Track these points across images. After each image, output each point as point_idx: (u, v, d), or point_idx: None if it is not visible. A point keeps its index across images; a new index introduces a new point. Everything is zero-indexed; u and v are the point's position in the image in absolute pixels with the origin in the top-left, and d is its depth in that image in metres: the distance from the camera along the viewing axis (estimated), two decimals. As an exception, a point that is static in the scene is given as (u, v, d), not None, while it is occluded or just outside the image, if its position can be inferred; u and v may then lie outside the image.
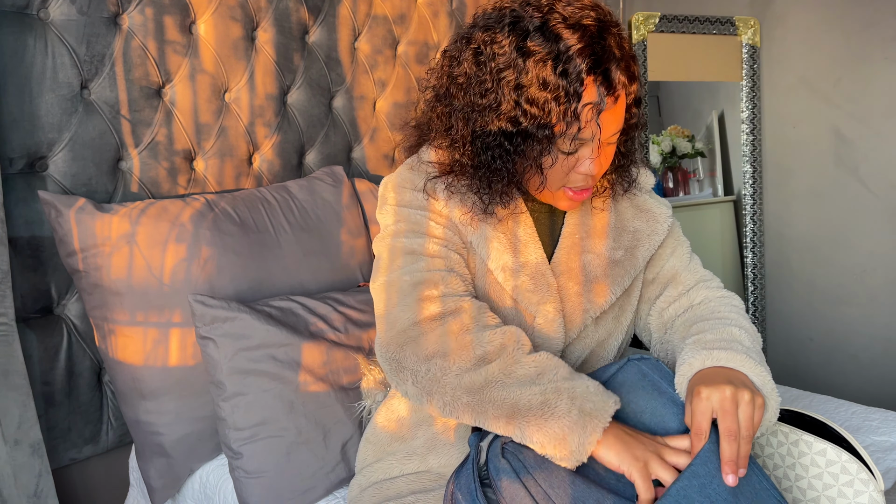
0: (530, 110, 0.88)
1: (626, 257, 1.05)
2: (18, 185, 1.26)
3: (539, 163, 0.92)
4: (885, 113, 1.95)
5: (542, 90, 0.87)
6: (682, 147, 2.29)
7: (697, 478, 0.77)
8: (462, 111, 0.94)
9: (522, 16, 0.89)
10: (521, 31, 0.88)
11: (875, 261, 2.01)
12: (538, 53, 0.86)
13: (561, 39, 0.86)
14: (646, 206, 1.09)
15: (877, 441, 1.30)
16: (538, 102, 0.87)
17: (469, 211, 0.98)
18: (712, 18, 2.16)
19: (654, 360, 0.94)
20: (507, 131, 0.90)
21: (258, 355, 1.20)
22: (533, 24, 0.87)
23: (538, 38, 0.87)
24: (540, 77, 0.86)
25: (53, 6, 1.27)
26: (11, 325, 1.15)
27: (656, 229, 1.07)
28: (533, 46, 0.87)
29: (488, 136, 0.92)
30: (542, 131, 0.88)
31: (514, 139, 0.90)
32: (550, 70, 0.86)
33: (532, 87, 0.87)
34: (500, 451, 0.84)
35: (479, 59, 0.91)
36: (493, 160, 0.93)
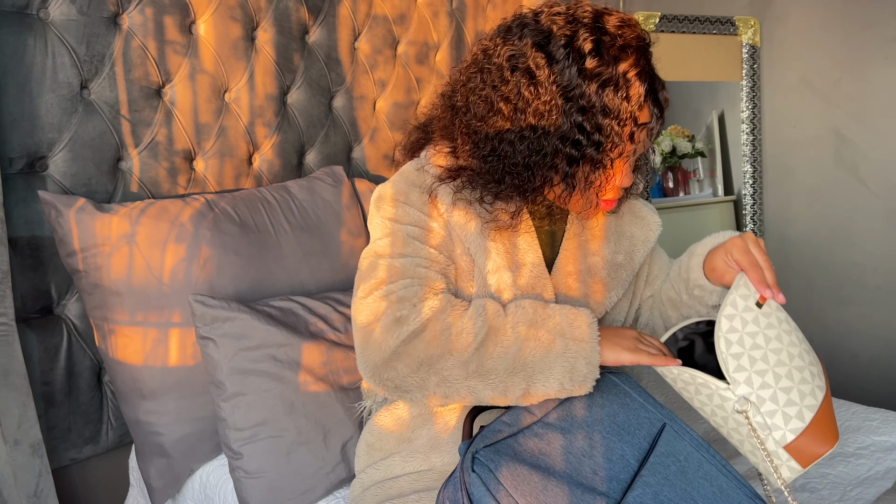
0: (593, 136, 0.88)
1: (626, 260, 1.07)
2: (18, 185, 1.26)
3: (590, 179, 0.92)
4: (885, 113, 1.95)
5: (606, 116, 0.88)
6: (682, 147, 2.29)
7: (650, 486, 0.81)
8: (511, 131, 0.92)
9: (576, 34, 0.88)
10: (577, 51, 0.87)
11: (875, 261, 2.01)
12: (600, 77, 0.87)
13: (620, 61, 0.87)
14: (641, 213, 1.12)
15: (877, 441, 1.30)
16: (602, 128, 0.88)
17: (471, 216, 0.97)
18: (712, 18, 2.16)
19: (625, 374, 0.99)
20: (566, 153, 0.90)
21: (258, 355, 1.20)
22: (587, 46, 0.87)
23: (597, 62, 0.87)
24: (602, 101, 0.87)
25: (53, 6, 1.27)
26: (11, 325, 1.15)
27: (649, 237, 1.11)
28: (594, 70, 0.87)
29: (539, 154, 0.91)
30: (598, 153, 0.89)
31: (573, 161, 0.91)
32: (612, 94, 0.87)
33: (596, 111, 0.88)
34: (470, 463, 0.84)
35: (535, 80, 0.89)
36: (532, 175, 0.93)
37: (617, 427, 0.89)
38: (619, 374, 0.98)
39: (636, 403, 0.93)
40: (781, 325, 0.91)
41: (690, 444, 0.89)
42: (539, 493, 0.80)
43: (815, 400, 0.87)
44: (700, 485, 0.84)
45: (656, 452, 0.86)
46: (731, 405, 0.87)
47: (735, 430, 0.89)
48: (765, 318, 0.90)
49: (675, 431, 0.90)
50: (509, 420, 0.88)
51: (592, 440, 0.86)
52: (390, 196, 1.00)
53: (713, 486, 0.85)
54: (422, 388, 0.90)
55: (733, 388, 0.86)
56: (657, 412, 0.92)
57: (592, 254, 1.04)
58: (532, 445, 0.85)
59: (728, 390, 0.86)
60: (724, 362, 0.87)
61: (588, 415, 0.90)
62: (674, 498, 0.81)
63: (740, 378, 0.86)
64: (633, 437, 0.88)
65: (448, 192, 0.97)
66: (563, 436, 0.86)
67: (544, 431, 0.87)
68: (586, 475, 0.83)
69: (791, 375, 0.87)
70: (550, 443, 0.86)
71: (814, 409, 0.87)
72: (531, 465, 0.83)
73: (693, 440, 0.90)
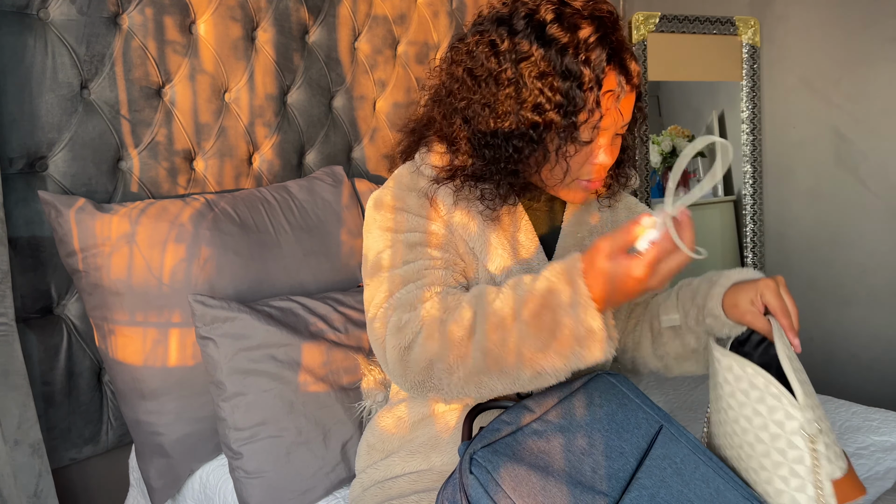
0: (555, 98, 0.88)
1: None
2: (18, 185, 1.26)
3: (563, 152, 0.92)
4: (885, 113, 1.94)
5: (567, 78, 0.88)
6: (682, 147, 2.29)
7: (646, 489, 0.80)
8: (481, 105, 0.93)
9: (537, 8, 0.90)
10: (538, 22, 0.89)
11: (875, 260, 2.01)
12: (559, 42, 0.88)
13: (580, 28, 0.88)
14: (636, 209, 1.12)
15: (877, 441, 1.30)
16: (562, 90, 0.88)
17: (471, 216, 0.98)
18: (712, 18, 2.16)
19: (622, 375, 0.98)
20: (530, 120, 0.90)
21: (258, 355, 1.20)
22: (550, 16, 0.89)
23: (557, 29, 0.88)
24: (563, 65, 0.87)
25: (53, 6, 1.27)
26: (11, 325, 1.15)
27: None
28: (553, 35, 0.88)
29: (511, 127, 0.92)
30: (567, 119, 0.89)
31: (538, 128, 0.91)
32: (573, 58, 0.87)
33: (556, 76, 0.88)
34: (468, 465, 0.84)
35: (498, 50, 0.91)
36: (515, 152, 0.93)
37: (616, 426, 0.89)
38: (617, 375, 0.98)
39: (634, 405, 0.93)
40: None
41: (687, 447, 0.89)
42: (538, 493, 0.80)
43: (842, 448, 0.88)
44: (696, 486, 0.84)
45: (652, 455, 0.86)
46: (795, 425, 0.82)
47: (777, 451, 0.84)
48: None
49: (672, 434, 0.90)
50: (509, 419, 0.88)
51: (592, 438, 0.86)
52: (388, 204, 0.99)
53: (710, 487, 0.85)
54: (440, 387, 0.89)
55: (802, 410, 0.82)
56: (654, 414, 0.92)
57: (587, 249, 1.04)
58: (531, 444, 0.85)
59: (798, 409, 0.82)
60: (794, 382, 0.82)
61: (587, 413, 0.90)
62: (670, 500, 0.81)
63: (808, 403, 0.82)
64: (632, 436, 0.88)
65: (447, 192, 0.98)
66: (563, 434, 0.86)
67: (544, 429, 0.87)
68: (586, 474, 0.83)
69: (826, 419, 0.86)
70: (550, 441, 0.85)
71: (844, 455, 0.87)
72: (530, 465, 0.83)
73: (690, 442, 0.90)
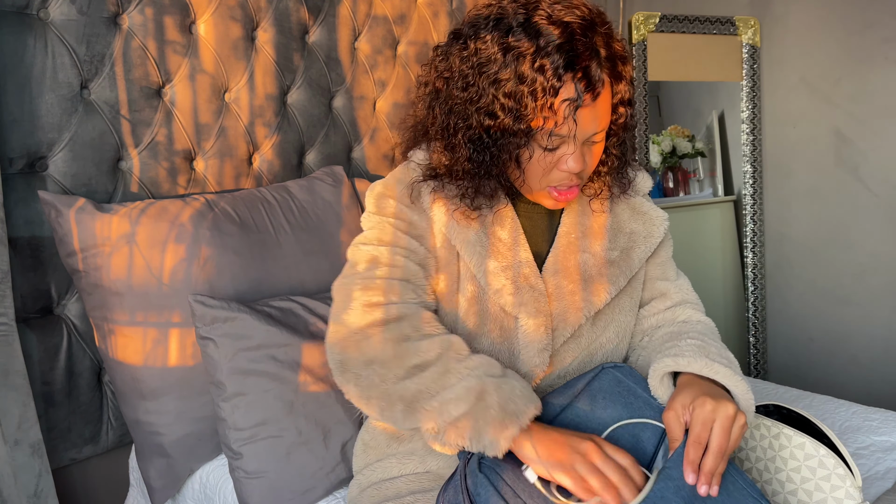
0: (506, 103, 0.88)
1: (621, 257, 1.06)
2: (18, 185, 1.26)
3: (516, 157, 0.93)
4: (885, 113, 1.95)
5: (520, 84, 0.87)
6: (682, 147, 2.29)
7: (672, 480, 0.79)
8: (446, 105, 0.95)
9: (507, 13, 0.90)
10: (504, 27, 0.89)
11: (875, 261, 2.01)
12: (517, 49, 0.87)
13: (542, 35, 0.87)
14: (643, 209, 1.10)
15: (877, 441, 1.30)
16: (515, 96, 0.88)
17: (453, 214, 0.99)
18: (712, 18, 2.16)
19: (628, 367, 0.97)
20: (485, 125, 0.91)
21: (258, 355, 1.20)
22: (517, 21, 0.89)
23: (520, 34, 0.88)
24: (518, 71, 0.87)
25: (53, 6, 1.27)
26: (11, 325, 1.15)
27: (653, 231, 1.08)
28: (513, 42, 0.88)
29: (469, 129, 0.93)
30: (518, 124, 0.89)
31: (491, 133, 0.91)
32: (528, 65, 0.87)
33: (510, 82, 0.88)
34: (477, 465, 0.84)
35: (464, 55, 0.92)
36: (476, 154, 0.94)
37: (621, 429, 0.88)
38: (623, 367, 0.97)
39: (640, 401, 0.91)
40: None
41: None
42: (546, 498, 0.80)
43: None
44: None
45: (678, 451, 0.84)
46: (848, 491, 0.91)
47: None
48: None
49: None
50: None
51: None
52: (377, 192, 1.03)
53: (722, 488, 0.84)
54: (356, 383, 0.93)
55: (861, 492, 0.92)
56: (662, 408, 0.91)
57: (584, 251, 1.04)
58: None
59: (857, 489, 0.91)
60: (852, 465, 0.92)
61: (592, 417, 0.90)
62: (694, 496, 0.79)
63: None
64: (637, 441, 0.88)
65: (428, 188, 1.00)
66: None
67: None
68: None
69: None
70: None
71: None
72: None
73: None
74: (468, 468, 0.85)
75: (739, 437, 0.83)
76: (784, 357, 2.24)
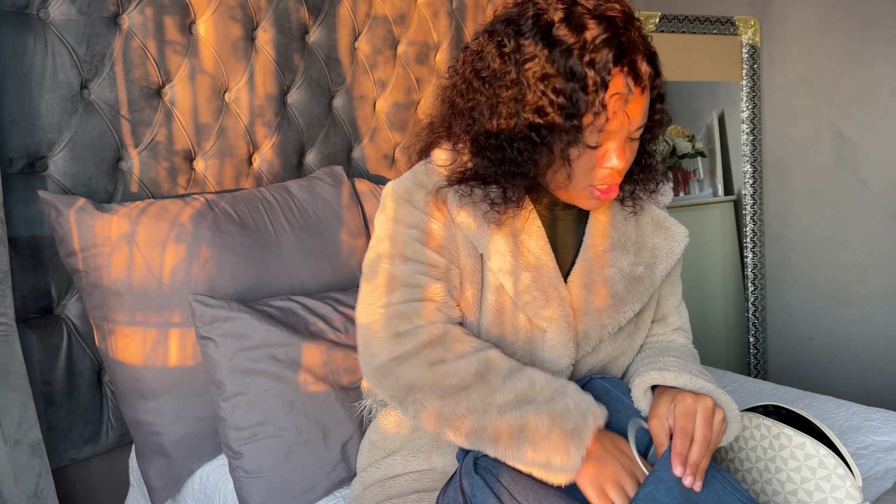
0: (557, 100, 0.87)
1: (645, 274, 1.04)
2: (18, 185, 1.26)
3: (566, 155, 0.90)
4: (885, 113, 1.95)
5: (570, 80, 0.86)
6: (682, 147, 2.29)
7: (663, 482, 0.80)
8: (486, 106, 0.92)
9: (546, 7, 0.89)
10: (545, 22, 0.88)
11: (875, 261, 2.01)
12: (564, 43, 0.86)
13: (587, 29, 0.86)
14: (665, 224, 1.08)
15: (877, 441, 1.30)
16: (565, 92, 0.86)
17: (480, 222, 0.96)
18: (712, 18, 2.16)
19: (615, 378, 0.97)
20: (533, 123, 0.89)
21: (258, 355, 1.20)
22: (558, 16, 0.87)
23: (563, 29, 0.86)
24: (567, 66, 0.86)
25: (53, 6, 1.27)
26: (11, 325, 1.15)
27: (674, 248, 1.06)
28: (559, 36, 0.86)
29: (514, 129, 0.91)
30: (570, 122, 0.87)
31: (540, 131, 0.89)
32: (577, 59, 0.85)
33: (559, 77, 0.86)
34: (472, 466, 0.84)
35: (503, 52, 0.90)
36: (518, 154, 0.92)
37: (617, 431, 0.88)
38: (610, 378, 0.97)
39: (628, 409, 0.92)
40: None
41: None
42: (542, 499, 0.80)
43: None
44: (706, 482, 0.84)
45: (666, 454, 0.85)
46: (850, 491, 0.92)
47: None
48: None
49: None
50: None
51: None
52: (396, 194, 1.00)
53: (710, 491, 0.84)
54: (402, 405, 0.92)
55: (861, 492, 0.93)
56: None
57: (609, 265, 1.02)
58: None
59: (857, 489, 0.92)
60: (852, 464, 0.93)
61: None
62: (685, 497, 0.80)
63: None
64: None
65: (453, 193, 0.97)
66: None
67: None
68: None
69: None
70: None
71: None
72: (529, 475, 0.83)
73: None
74: (463, 469, 0.85)
75: (721, 430, 0.88)
76: (784, 357, 2.24)
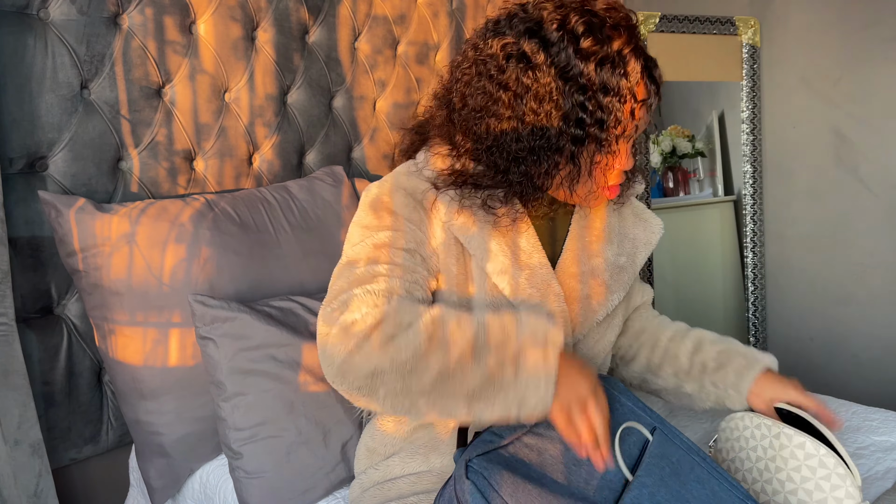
0: (596, 114, 0.89)
1: (628, 263, 1.08)
2: (18, 185, 1.26)
3: (591, 163, 0.93)
4: (885, 113, 1.94)
5: (607, 94, 0.88)
6: (682, 147, 2.28)
7: (646, 487, 0.81)
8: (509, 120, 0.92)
9: (567, 18, 0.89)
10: (571, 33, 0.88)
11: (875, 260, 2.01)
12: (597, 55, 0.87)
13: (612, 40, 0.88)
14: (644, 216, 1.12)
15: (877, 441, 1.30)
16: (603, 105, 0.88)
17: (472, 219, 0.96)
18: (712, 18, 2.16)
19: (613, 378, 0.98)
20: (566, 134, 0.90)
21: (258, 355, 1.20)
22: (580, 28, 0.88)
23: (591, 41, 0.88)
24: (601, 79, 0.88)
25: (53, 6, 1.27)
26: (11, 325, 1.15)
27: (651, 239, 1.11)
28: (590, 49, 0.88)
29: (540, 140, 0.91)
30: (605, 133, 0.90)
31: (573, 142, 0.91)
32: (610, 71, 0.87)
33: (597, 90, 0.88)
34: (464, 470, 0.83)
35: (532, 64, 0.89)
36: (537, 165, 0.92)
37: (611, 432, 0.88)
38: (608, 379, 0.97)
39: (625, 409, 0.93)
40: None
41: (682, 448, 0.89)
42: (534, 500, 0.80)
43: None
44: (693, 487, 0.84)
45: (651, 453, 0.86)
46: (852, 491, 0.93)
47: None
48: None
49: (666, 435, 0.90)
50: (500, 431, 0.87)
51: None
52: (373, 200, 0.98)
53: (705, 488, 0.85)
54: (371, 396, 0.86)
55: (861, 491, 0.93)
56: (647, 416, 0.92)
57: (594, 255, 1.04)
58: (523, 455, 0.85)
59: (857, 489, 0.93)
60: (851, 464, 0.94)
61: None
62: (669, 499, 0.81)
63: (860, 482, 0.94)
64: (624, 443, 0.88)
65: (448, 196, 0.96)
66: (554, 445, 0.86)
67: (535, 441, 0.86)
68: (579, 484, 0.83)
69: None
70: (541, 453, 0.85)
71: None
72: (524, 475, 0.82)
73: (683, 443, 0.90)
74: (455, 473, 0.85)
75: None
76: (784, 357, 2.24)
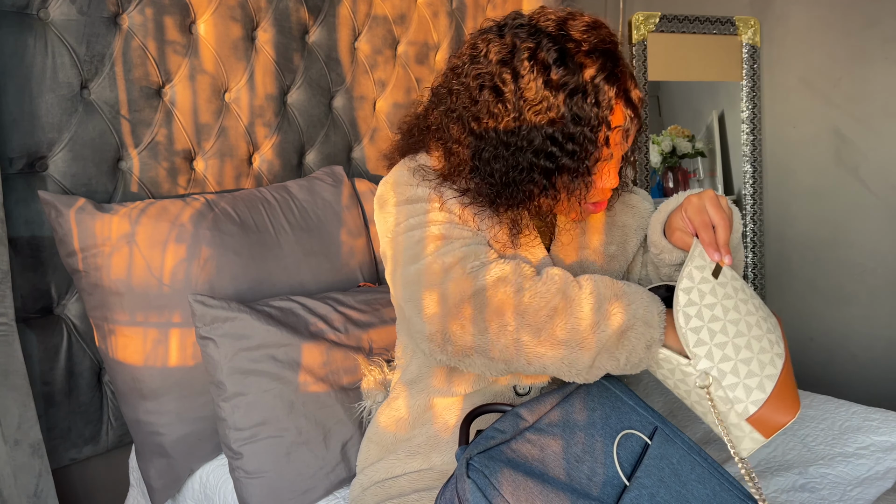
0: (567, 146, 0.88)
1: (618, 251, 1.09)
2: (18, 185, 1.26)
3: (571, 188, 0.92)
4: (885, 113, 1.95)
5: (577, 125, 0.87)
6: (682, 147, 2.28)
7: (646, 488, 0.81)
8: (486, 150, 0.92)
9: (538, 47, 0.88)
10: (542, 63, 0.87)
11: (875, 260, 2.01)
12: (566, 87, 0.86)
13: (585, 67, 0.87)
14: (632, 203, 1.12)
15: (877, 441, 1.30)
16: (574, 137, 0.88)
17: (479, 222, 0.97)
18: (712, 18, 2.16)
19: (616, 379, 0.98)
20: (541, 166, 0.90)
21: (258, 355, 1.20)
22: (551, 57, 0.87)
23: (561, 71, 0.86)
24: (571, 111, 0.87)
25: (53, 6, 1.27)
26: (11, 325, 1.15)
27: (641, 224, 1.11)
28: (559, 80, 0.86)
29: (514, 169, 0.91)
30: (577, 163, 0.89)
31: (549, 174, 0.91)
32: (581, 101, 0.86)
33: (566, 122, 0.87)
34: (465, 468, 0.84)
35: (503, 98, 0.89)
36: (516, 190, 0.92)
37: (610, 430, 0.89)
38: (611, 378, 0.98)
39: (627, 407, 0.93)
40: (738, 293, 0.90)
41: (683, 447, 0.89)
42: (536, 498, 0.80)
43: (776, 369, 0.87)
44: (694, 487, 0.85)
45: (650, 455, 0.86)
46: (692, 380, 0.86)
47: (698, 403, 0.88)
48: (721, 289, 0.89)
49: (667, 435, 0.90)
50: (502, 427, 0.88)
51: (586, 444, 0.86)
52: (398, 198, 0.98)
53: (706, 488, 0.85)
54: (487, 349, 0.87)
55: (694, 364, 0.86)
56: (648, 415, 0.92)
57: (585, 246, 1.05)
58: (525, 452, 0.85)
59: (689, 366, 0.86)
60: (685, 337, 0.86)
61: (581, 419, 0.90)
62: (669, 500, 0.81)
63: (701, 353, 0.86)
64: (626, 440, 0.88)
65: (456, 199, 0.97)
66: (556, 441, 0.86)
67: (537, 437, 0.86)
68: (581, 481, 0.83)
69: (750, 346, 0.87)
70: (544, 449, 0.85)
71: (774, 378, 0.86)
72: (526, 472, 0.82)
73: (685, 443, 0.90)
74: (457, 472, 0.85)
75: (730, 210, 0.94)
76: (784, 357, 2.24)
